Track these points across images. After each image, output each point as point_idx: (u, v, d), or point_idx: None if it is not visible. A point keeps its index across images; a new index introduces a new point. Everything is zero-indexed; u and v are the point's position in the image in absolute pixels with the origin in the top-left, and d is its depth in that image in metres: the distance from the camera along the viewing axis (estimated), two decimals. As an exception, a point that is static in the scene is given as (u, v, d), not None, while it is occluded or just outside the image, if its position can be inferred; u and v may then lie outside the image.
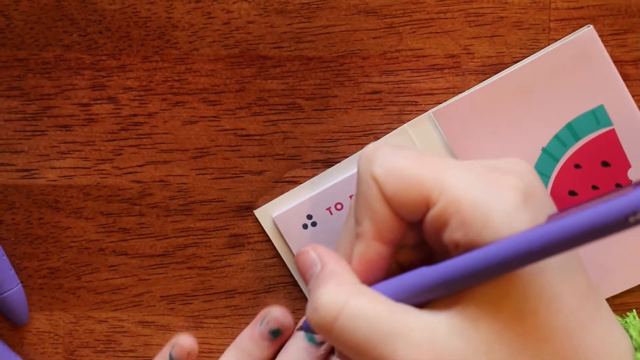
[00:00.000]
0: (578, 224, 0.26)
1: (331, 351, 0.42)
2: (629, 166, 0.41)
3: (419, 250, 0.35)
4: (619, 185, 0.41)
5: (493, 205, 0.29)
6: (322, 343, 0.41)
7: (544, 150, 0.41)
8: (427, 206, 0.31)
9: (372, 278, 0.33)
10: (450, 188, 0.30)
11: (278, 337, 0.42)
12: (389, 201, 0.32)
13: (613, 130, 0.41)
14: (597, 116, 0.41)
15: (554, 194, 0.41)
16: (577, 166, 0.41)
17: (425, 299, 0.31)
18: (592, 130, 0.41)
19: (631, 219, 0.25)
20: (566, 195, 0.41)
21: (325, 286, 0.32)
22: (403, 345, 0.29)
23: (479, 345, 0.29)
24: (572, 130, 0.41)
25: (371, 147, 0.33)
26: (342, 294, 0.31)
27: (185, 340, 0.41)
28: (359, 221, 0.33)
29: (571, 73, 0.40)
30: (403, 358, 0.29)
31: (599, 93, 0.40)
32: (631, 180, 0.41)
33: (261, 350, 0.42)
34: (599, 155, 0.41)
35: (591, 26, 0.40)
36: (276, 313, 0.42)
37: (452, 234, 0.30)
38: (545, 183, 0.41)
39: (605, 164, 0.41)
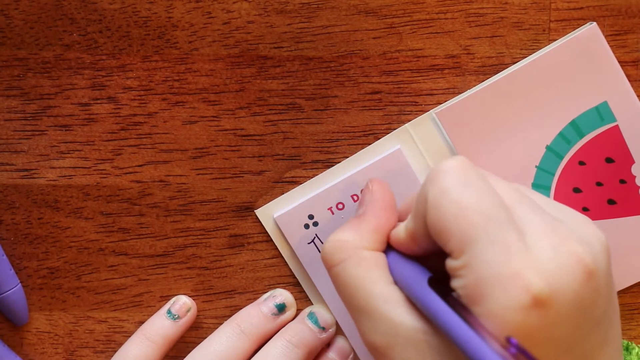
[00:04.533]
0: None
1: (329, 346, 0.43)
2: (633, 162, 0.41)
3: None
4: (623, 182, 0.41)
5: (493, 294, 0.29)
6: (324, 328, 0.42)
7: (548, 148, 0.41)
8: (449, 253, 0.31)
9: (399, 250, 0.36)
10: (468, 257, 0.30)
11: (282, 312, 0.42)
12: (426, 223, 0.32)
13: (617, 127, 0.41)
14: (601, 113, 0.41)
15: (558, 192, 0.41)
16: (581, 163, 0.41)
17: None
18: (596, 126, 0.41)
19: None
20: (570, 192, 0.41)
21: (349, 231, 0.35)
22: (368, 324, 0.33)
23: None
24: (576, 128, 0.41)
25: (449, 164, 0.33)
26: (353, 248, 0.35)
27: (185, 299, 0.43)
28: (411, 214, 0.35)
29: (574, 70, 0.40)
30: (363, 331, 0.34)
31: (602, 90, 0.41)
32: (635, 176, 0.41)
33: (261, 326, 0.41)
34: (603, 151, 0.41)
35: (594, 23, 0.40)
36: (282, 290, 0.43)
37: (455, 287, 0.31)
38: (550, 181, 0.41)
39: (609, 160, 0.41)
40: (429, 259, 0.35)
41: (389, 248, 0.36)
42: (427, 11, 0.41)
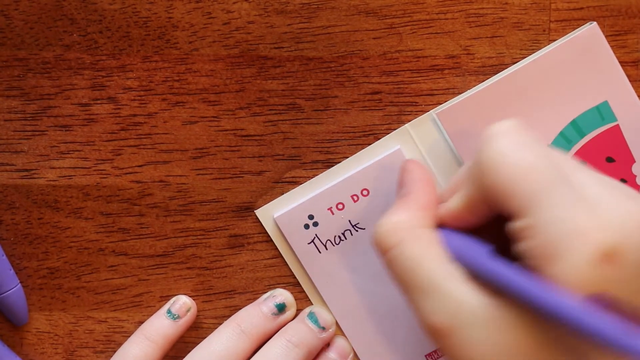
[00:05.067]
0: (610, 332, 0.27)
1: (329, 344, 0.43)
2: (633, 161, 0.41)
3: None
4: (623, 181, 0.41)
5: (565, 253, 0.29)
6: (324, 328, 0.42)
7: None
8: (511, 215, 0.31)
9: (453, 225, 0.35)
10: (534, 217, 0.30)
11: (282, 312, 0.42)
12: (484, 188, 0.32)
13: (617, 126, 0.41)
14: (602, 112, 0.41)
15: None
16: (582, 162, 0.41)
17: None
18: (596, 126, 0.41)
19: None
20: None
21: (398, 213, 0.35)
22: (429, 304, 0.32)
23: (492, 347, 0.30)
24: (576, 127, 0.41)
25: (503, 126, 0.32)
26: (406, 229, 0.34)
27: (185, 298, 0.43)
28: (462, 183, 0.34)
29: (575, 70, 0.40)
30: (424, 313, 0.32)
31: (603, 89, 0.41)
32: (635, 175, 0.41)
33: (261, 326, 0.41)
34: (604, 151, 0.41)
35: (594, 23, 0.40)
36: (282, 290, 0.43)
37: (520, 250, 0.31)
38: None
39: (610, 159, 0.41)
40: (478, 233, 0.34)
41: (439, 227, 0.35)
42: (427, 11, 0.41)
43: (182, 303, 0.42)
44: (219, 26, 0.42)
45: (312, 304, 0.43)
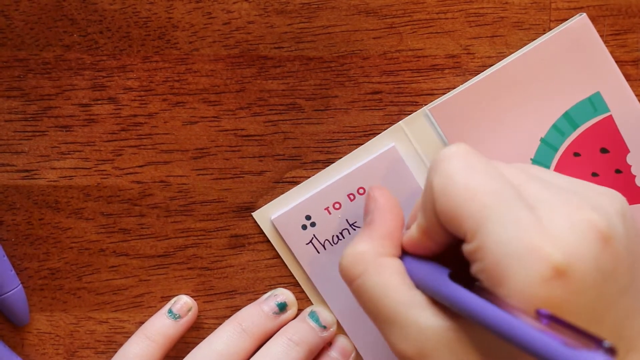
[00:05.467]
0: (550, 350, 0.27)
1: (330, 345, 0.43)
2: (628, 151, 0.41)
3: None
4: (618, 172, 0.41)
5: (512, 273, 0.29)
6: (325, 327, 0.42)
7: (543, 140, 0.41)
8: (464, 238, 0.31)
9: (416, 252, 0.36)
10: (483, 238, 0.30)
11: (283, 311, 0.42)
12: (436, 212, 0.32)
13: (610, 117, 0.41)
14: (594, 103, 0.41)
15: None
16: (576, 154, 0.41)
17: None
18: (589, 117, 0.41)
19: None
20: None
21: (362, 241, 0.35)
22: (396, 333, 0.33)
23: None
24: (569, 119, 0.41)
25: (451, 150, 0.33)
26: (370, 258, 0.34)
27: (187, 298, 0.43)
28: (419, 210, 0.34)
29: (566, 62, 0.40)
30: (392, 341, 0.33)
31: (594, 80, 0.41)
32: (630, 165, 0.41)
33: (262, 325, 0.41)
34: (598, 142, 0.41)
35: (584, 14, 0.40)
36: (283, 289, 0.43)
37: (475, 271, 0.31)
38: None
39: (604, 150, 0.41)
40: (444, 259, 0.34)
41: (403, 253, 0.36)
42: (428, 11, 0.41)
43: (183, 303, 0.42)
44: (219, 26, 0.42)
45: (312, 304, 0.43)
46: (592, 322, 0.29)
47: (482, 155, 0.33)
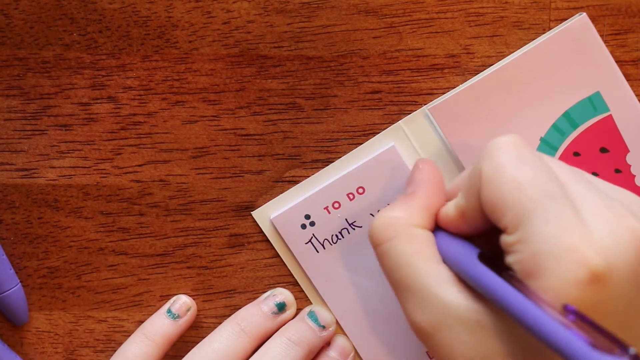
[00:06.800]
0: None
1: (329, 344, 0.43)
2: (627, 151, 0.41)
3: None
4: (618, 171, 0.41)
5: (549, 270, 0.29)
6: (324, 327, 0.42)
7: (543, 140, 0.41)
8: (504, 228, 0.31)
9: (447, 229, 0.35)
10: (525, 232, 0.30)
11: (282, 311, 0.42)
12: (481, 200, 0.32)
13: (610, 116, 0.41)
14: (594, 103, 0.41)
15: None
16: (576, 154, 0.41)
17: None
18: (589, 117, 0.41)
19: None
20: None
21: (397, 209, 0.35)
22: (415, 303, 0.33)
23: (472, 350, 0.31)
24: (569, 119, 0.41)
25: (503, 140, 0.33)
26: (402, 226, 0.34)
27: (186, 298, 0.43)
28: (462, 192, 0.34)
29: (566, 61, 0.40)
30: (410, 310, 0.33)
31: (594, 80, 0.41)
32: (630, 165, 0.41)
33: (261, 325, 0.41)
34: (598, 141, 0.41)
35: (584, 14, 0.40)
36: (282, 289, 0.43)
37: (510, 262, 0.31)
38: None
39: (603, 150, 0.41)
40: (476, 240, 0.34)
41: (436, 227, 0.36)
42: (427, 11, 0.41)
43: (182, 302, 0.42)
44: (219, 25, 0.42)
45: (311, 304, 0.43)
46: (621, 328, 0.29)
47: (533, 149, 0.33)
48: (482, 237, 0.34)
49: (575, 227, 0.29)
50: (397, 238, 0.34)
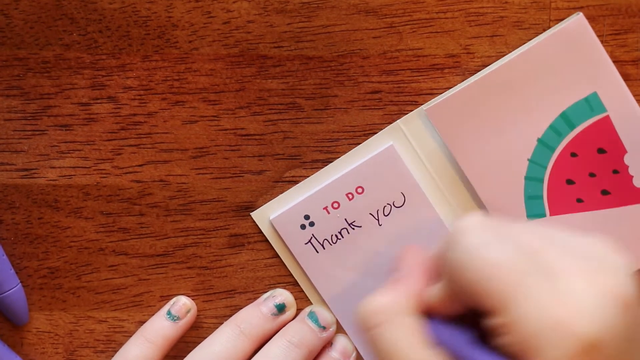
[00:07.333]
0: None
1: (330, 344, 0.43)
2: (625, 151, 0.41)
3: None
4: (615, 172, 0.41)
5: (544, 348, 0.29)
6: (324, 327, 0.42)
7: (540, 140, 0.41)
8: (487, 312, 0.31)
9: (437, 311, 0.36)
10: (510, 315, 0.30)
11: (282, 312, 0.42)
12: (456, 286, 0.33)
13: (607, 117, 0.41)
14: (591, 103, 0.41)
15: (551, 184, 0.41)
16: (573, 154, 0.41)
17: None
18: (586, 117, 0.41)
19: None
20: (564, 184, 0.41)
21: (388, 294, 0.35)
22: None
23: None
24: (566, 119, 0.41)
25: (465, 224, 0.33)
26: (392, 312, 0.34)
27: (185, 299, 0.43)
28: (439, 275, 0.35)
29: (563, 62, 0.40)
30: None
31: (591, 80, 0.41)
32: (627, 166, 0.41)
33: (260, 327, 0.41)
34: (595, 142, 0.41)
35: (580, 14, 0.40)
36: (282, 290, 0.43)
37: (502, 344, 0.31)
38: (542, 173, 0.41)
39: (601, 150, 0.41)
40: (466, 316, 0.35)
41: (427, 312, 0.36)
42: (427, 10, 0.41)
43: (182, 304, 0.42)
44: (219, 25, 0.42)
45: (311, 304, 0.43)
46: None
47: (497, 223, 0.33)
48: (472, 313, 0.34)
49: (557, 301, 0.30)
50: (387, 323, 0.34)
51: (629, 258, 0.33)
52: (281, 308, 0.42)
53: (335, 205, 0.42)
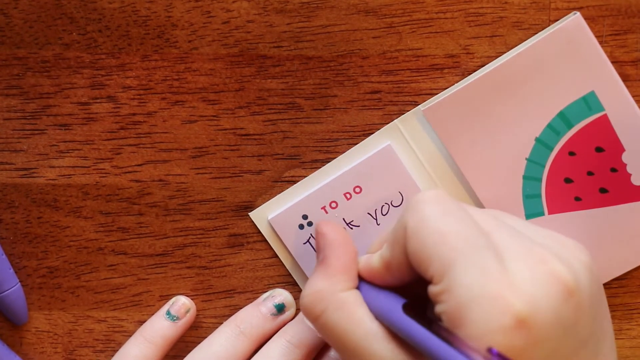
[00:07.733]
0: None
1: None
2: (623, 150, 0.41)
3: None
4: (614, 170, 0.41)
5: (474, 318, 0.30)
6: None
7: (538, 139, 0.41)
8: (430, 279, 0.32)
9: (371, 281, 0.36)
10: (449, 282, 0.31)
11: (281, 312, 0.42)
12: (406, 252, 0.33)
13: (605, 116, 0.41)
14: (589, 102, 0.41)
15: (549, 183, 0.41)
16: (571, 153, 0.41)
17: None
18: (584, 116, 0.41)
19: None
20: (562, 183, 0.41)
21: (319, 278, 0.36)
22: None
23: None
24: (564, 118, 0.41)
25: (427, 195, 0.34)
26: (328, 294, 0.35)
27: (185, 299, 0.43)
28: (388, 244, 0.35)
29: (560, 61, 0.40)
30: None
31: (589, 79, 0.41)
32: (625, 164, 0.41)
33: (260, 327, 0.41)
34: (593, 141, 0.41)
35: (578, 13, 0.40)
36: (281, 290, 0.43)
37: (438, 312, 0.31)
38: (541, 172, 0.41)
39: (599, 149, 0.41)
40: (406, 289, 0.35)
41: (360, 280, 0.37)
42: (427, 11, 0.41)
43: (181, 304, 0.42)
44: (219, 25, 0.42)
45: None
46: None
47: (456, 201, 0.34)
48: (414, 287, 0.35)
49: (497, 274, 0.30)
50: (328, 310, 0.35)
51: (588, 255, 0.33)
52: (280, 308, 0.42)
53: (333, 205, 0.42)
